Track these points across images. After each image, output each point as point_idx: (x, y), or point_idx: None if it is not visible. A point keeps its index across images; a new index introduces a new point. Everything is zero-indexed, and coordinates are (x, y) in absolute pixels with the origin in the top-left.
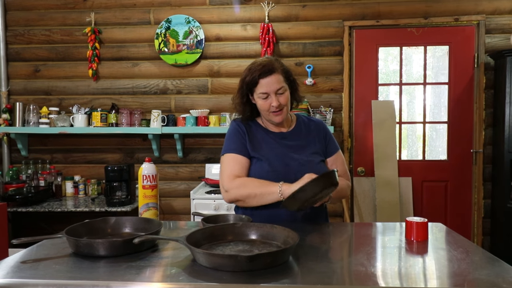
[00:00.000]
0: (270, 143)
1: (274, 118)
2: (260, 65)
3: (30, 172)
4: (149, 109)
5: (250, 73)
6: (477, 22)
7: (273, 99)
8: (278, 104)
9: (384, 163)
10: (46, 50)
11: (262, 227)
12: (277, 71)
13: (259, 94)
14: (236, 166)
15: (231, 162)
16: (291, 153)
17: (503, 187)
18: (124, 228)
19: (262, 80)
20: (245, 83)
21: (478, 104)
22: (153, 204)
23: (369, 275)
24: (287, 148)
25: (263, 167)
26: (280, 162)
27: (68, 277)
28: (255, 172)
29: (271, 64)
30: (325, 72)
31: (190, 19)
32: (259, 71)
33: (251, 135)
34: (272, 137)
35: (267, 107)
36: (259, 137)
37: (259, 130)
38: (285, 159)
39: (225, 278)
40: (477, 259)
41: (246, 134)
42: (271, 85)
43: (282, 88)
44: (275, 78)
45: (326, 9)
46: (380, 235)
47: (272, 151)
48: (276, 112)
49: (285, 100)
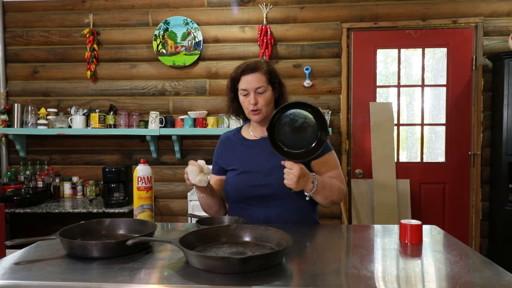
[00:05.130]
0: (243, 152)
1: (252, 117)
2: (245, 63)
3: (28, 173)
4: (147, 110)
5: (236, 70)
6: (475, 25)
7: (251, 97)
8: (255, 103)
9: (382, 165)
10: (44, 51)
11: (256, 229)
12: (259, 71)
13: (240, 90)
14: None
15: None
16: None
17: (501, 189)
18: (119, 230)
19: (244, 77)
20: (231, 79)
21: (476, 106)
22: (148, 206)
23: (362, 278)
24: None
25: (231, 174)
26: (249, 167)
27: (61, 279)
28: (226, 180)
29: (256, 63)
30: (323, 74)
31: (188, 20)
32: (242, 69)
33: (227, 148)
34: (248, 145)
35: (247, 105)
36: (235, 149)
37: (238, 140)
38: (255, 163)
39: (217, 280)
40: (471, 262)
41: (221, 151)
42: (251, 83)
43: (261, 87)
44: (256, 77)
45: (324, 11)
46: (375, 237)
47: (243, 158)
48: (254, 111)
49: (264, 100)
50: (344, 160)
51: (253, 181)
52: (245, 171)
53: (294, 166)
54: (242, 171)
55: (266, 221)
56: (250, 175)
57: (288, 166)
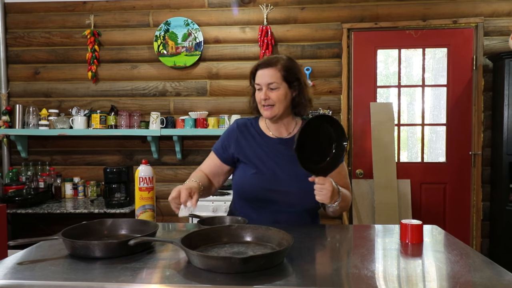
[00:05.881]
0: (261, 148)
1: (263, 112)
2: (264, 58)
3: (30, 174)
4: (148, 111)
5: (256, 64)
6: (475, 25)
7: (262, 92)
8: (266, 98)
9: (382, 165)
10: (45, 52)
11: (257, 229)
12: (275, 66)
13: (255, 84)
14: (208, 161)
15: (208, 159)
16: (282, 162)
17: (502, 189)
18: (121, 230)
19: (259, 71)
20: (251, 73)
21: (477, 106)
22: (149, 206)
23: (362, 277)
24: (280, 155)
25: (246, 170)
26: (266, 168)
27: (63, 278)
28: (239, 175)
29: (273, 58)
30: (323, 74)
31: (189, 21)
32: (259, 63)
33: (244, 137)
34: (265, 142)
35: (259, 99)
36: (253, 140)
37: (256, 133)
38: (273, 167)
39: (219, 280)
40: (471, 262)
41: (236, 137)
42: (264, 78)
43: (274, 83)
44: (269, 72)
45: (324, 12)
46: (376, 237)
47: (261, 155)
48: (266, 106)
49: (275, 96)
50: (345, 160)
51: (273, 185)
52: (264, 172)
53: (326, 182)
54: (261, 171)
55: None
56: (270, 178)
57: (320, 182)
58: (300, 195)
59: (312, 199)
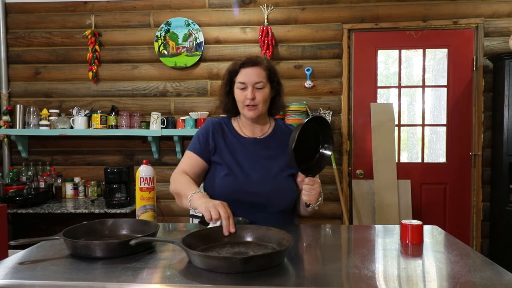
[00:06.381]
0: (234, 148)
1: (247, 112)
2: (246, 57)
3: (30, 174)
4: (148, 111)
5: (235, 62)
6: (475, 25)
7: (249, 91)
8: (253, 97)
9: (383, 166)
10: (46, 52)
11: (258, 229)
12: (260, 65)
13: (237, 83)
14: (189, 162)
15: (187, 159)
16: (255, 162)
17: (502, 190)
18: (122, 230)
19: (243, 69)
20: (228, 71)
21: (477, 107)
22: (150, 206)
23: (363, 277)
24: (253, 155)
25: (217, 172)
26: (239, 169)
27: (64, 278)
28: (210, 178)
29: (257, 58)
30: (324, 74)
31: (190, 21)
32: (242, 61)
33: (219, 136)
34: (239, 141)
35: (243, 99)
36: (227, 141)
37: (230, 133)
38: (246, 167)
39: (219, 279)
40: (471, 262)
41: (213, 136)
42: (250, 76)
43: (261, 83)
44: (256, 71)
45: (325, 12)
46: (376, 237)
47: (235, 155)
48: (250, 106)
49: (262, 96)
50: (345, 160)
51: (245, 187)
52: (236, 173)
53: (316, 183)
54: (232, 172)
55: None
56: (242, 180)
57: (309, 182)
58: (272, 195)
59: (285, 199)
